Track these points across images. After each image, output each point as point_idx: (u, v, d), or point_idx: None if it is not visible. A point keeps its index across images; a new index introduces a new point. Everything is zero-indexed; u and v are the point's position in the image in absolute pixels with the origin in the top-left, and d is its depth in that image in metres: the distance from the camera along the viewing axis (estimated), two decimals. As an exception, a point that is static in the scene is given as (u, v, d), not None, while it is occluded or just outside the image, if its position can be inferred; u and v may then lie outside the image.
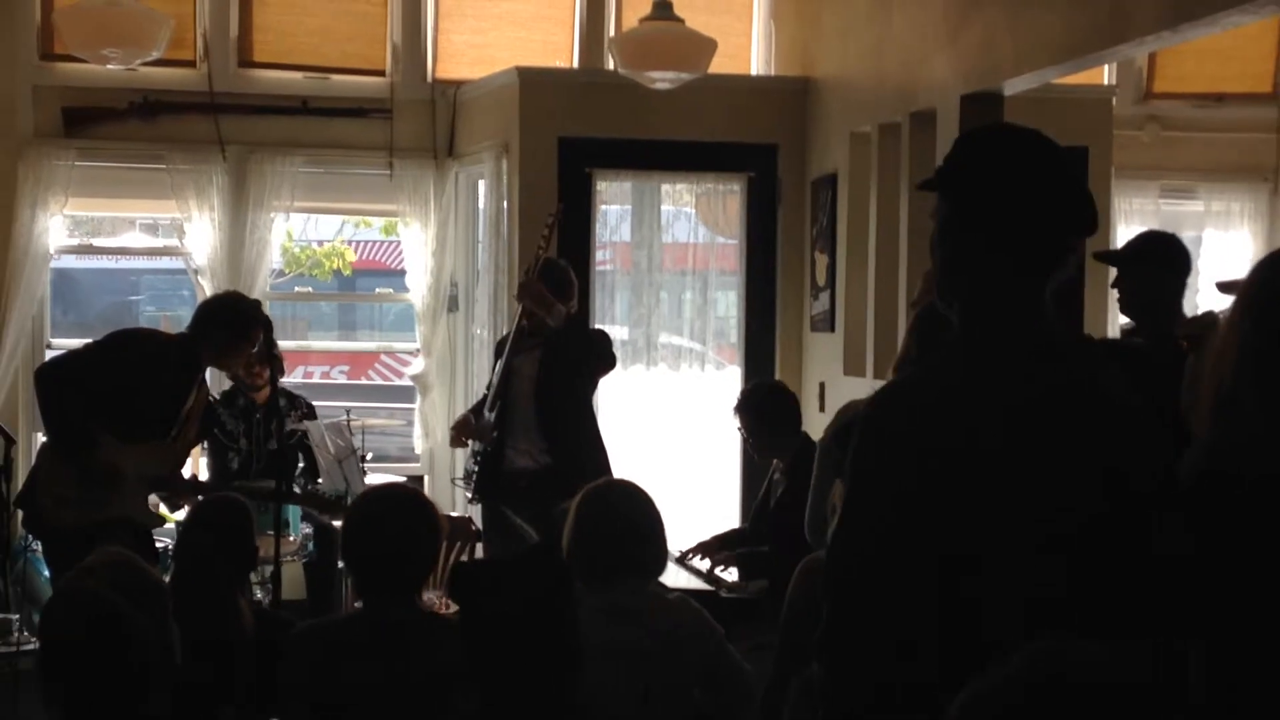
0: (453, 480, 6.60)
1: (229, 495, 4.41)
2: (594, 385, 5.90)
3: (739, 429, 5.42)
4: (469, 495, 6.09)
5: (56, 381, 5.24)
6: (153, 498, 5.56)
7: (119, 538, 4.29)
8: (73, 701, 2.27)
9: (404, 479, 7.04)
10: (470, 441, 5.96)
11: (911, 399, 2.18)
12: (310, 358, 14.30)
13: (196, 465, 5.85)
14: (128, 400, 5.18)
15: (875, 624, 2.09)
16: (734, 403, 5.44)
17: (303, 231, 8.57)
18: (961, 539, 2.07)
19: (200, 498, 5.53)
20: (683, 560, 5.43)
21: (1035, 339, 2.18)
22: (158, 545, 5.73)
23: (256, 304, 5.54)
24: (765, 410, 5.32)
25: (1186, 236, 6.83)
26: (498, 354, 6.00)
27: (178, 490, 5.59)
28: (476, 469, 5.86)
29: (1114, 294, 4.53)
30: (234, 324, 5.42)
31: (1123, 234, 7.01)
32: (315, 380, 13.62)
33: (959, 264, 2.22)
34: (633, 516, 3.60)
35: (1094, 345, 2.28)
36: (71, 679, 2.27)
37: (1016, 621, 2.03)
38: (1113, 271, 4.48)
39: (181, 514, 6.02)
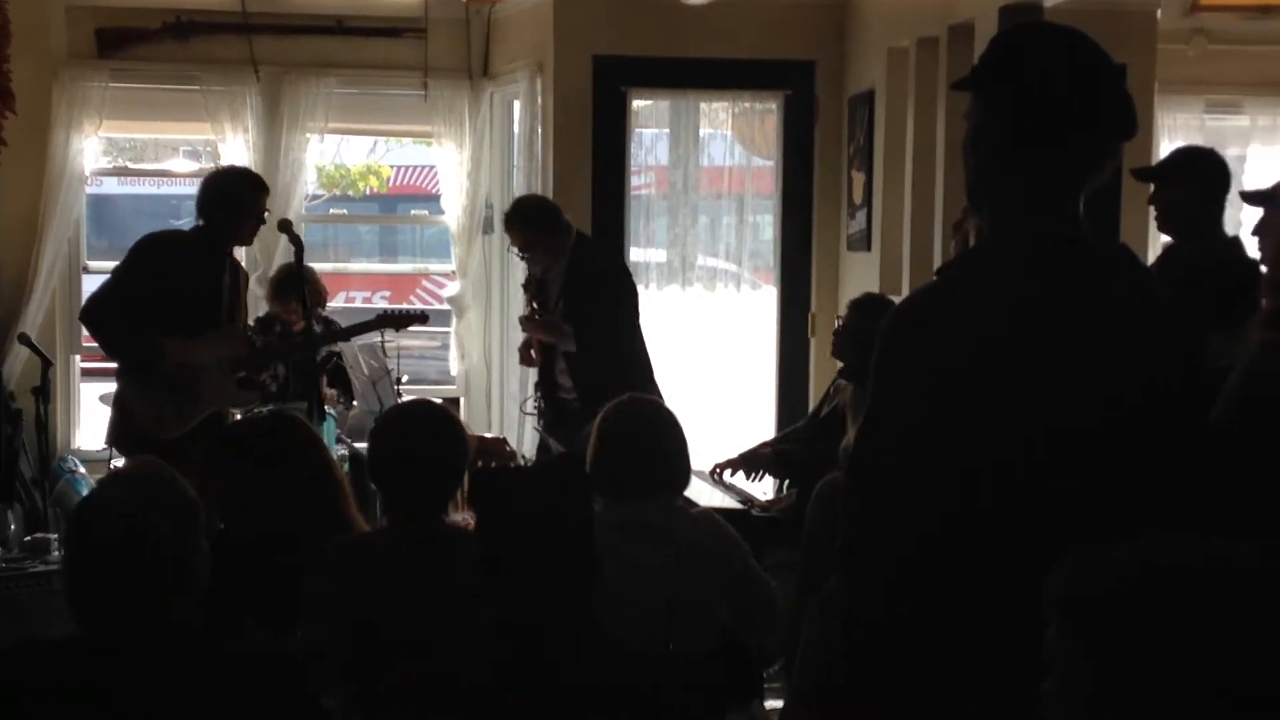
0: (521, 409, 6.68)
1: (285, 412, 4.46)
2: (627, 324, 5.93)
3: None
4: (537, 426, 6.25)
5: (101, 316, 5.37)
6: None
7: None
8: (95, 605, 2.34)
9: (440, 400, 7.06)
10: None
11: (932, 305, 2.14)
12: (352, 282, 14.31)
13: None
14: (171, 301, 5.27)
15: (895, 531, 2.06)
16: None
17: (335, 155, 8.52)
18: (984, 442, 2.03)
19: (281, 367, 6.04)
20: (717, 476, 5.44)
21: (1066, 243, 2.11)
22: None
23: (256, 179, 5.66)
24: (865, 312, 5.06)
25: (1231, 152, 6.70)
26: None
27: (260, 364, 5.73)
28: (540, 399, 6.09)
29: (1153, 210, 4.48)
30: (231, 198, 5.43)
31: (1166, 150, 6.87)
32: (357, 305, 13.65)
33: (992, 167, 2.14)
34: (655, 432, 3.59)
35: (1130, 251, 2.21)
36: (93, 582, 2.34)
37: (1042, 524, 2.00)
38: (1152, 188, 4.42)
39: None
